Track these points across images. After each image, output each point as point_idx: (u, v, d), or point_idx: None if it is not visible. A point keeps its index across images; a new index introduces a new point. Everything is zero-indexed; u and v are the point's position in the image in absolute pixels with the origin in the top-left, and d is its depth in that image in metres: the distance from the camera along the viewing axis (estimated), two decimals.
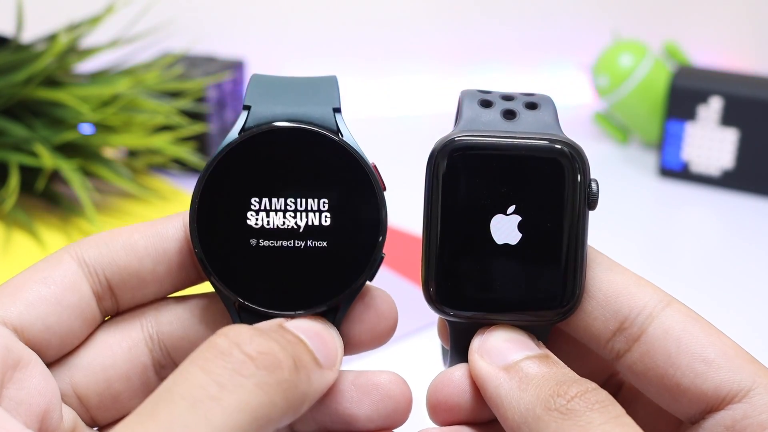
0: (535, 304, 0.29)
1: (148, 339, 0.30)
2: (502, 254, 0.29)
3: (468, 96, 0.30)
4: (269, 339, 0.25)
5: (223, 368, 0.24)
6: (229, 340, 0.25)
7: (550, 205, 0.28)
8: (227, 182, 0.28)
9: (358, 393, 0.29)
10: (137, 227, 0.29)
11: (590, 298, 0.29)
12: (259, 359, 0.24)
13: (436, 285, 0.29)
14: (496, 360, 0.28)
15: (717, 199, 0.80)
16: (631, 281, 0.29)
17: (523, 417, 0.26)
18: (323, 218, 0.28)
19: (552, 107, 0.30)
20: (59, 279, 0.28)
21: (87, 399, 0.29)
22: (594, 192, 0.28)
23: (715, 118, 0.79)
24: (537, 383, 0.27)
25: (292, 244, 0.28)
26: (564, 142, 0.28)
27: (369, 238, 0.28)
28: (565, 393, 0.26)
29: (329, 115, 0.29)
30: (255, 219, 0.28)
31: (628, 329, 0.28)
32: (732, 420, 0.26)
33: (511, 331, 0.29)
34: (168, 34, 0.80)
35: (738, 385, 0.27)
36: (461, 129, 0.29)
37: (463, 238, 0.29)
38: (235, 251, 0.28)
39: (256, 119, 0.28)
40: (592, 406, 0.25)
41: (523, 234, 0.28)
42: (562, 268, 0.28)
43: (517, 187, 0.28)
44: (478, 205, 0.28)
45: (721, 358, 0.27)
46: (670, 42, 0.90)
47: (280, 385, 0.24)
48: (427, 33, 1.00)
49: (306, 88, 0.30)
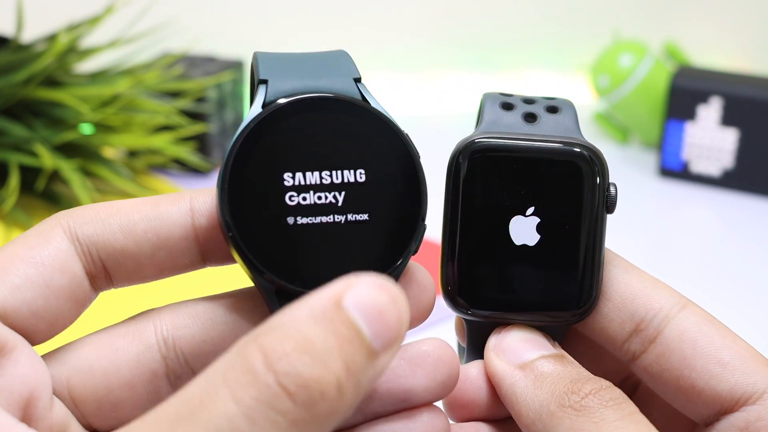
0: (552, 305, 0.29)
1: (162, 344, 0.27)
2: (520, 255, 0.29)
3: (490, 99, 0.31)
4: (311, 365, 0.21)
5: (257, 401, 0.20)
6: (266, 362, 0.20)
7: (568, 207, 0.29)
8: (256, 160, 0.26)
9: (411, 365, 0.27)
10: (138, 205, 0.27)
11: (607, 300, 0.29)
12: (297, 395, 0.20)
13: (455, 284, 0.29)
14: (512, 358, 0.28)
15: (717, 199, 0.80)
16: (648, 283, 0.29)
17: (537, 414, 0.26)
18: (362, 190, 0.26)
19: (573, 111, 0.30)
20: (49, 259, 0.25)
21: (84, 404, 0.26)
22: (612, 195, 0.29)
23: (715, 118, 0.79)
24: (551, 381, 0.27)
25: (332, 219, 0.26)
26: (584, 146, 0.29)
27: (410, 207, 0.27)
28: (579, 390, 0.26)
29: (352, 86, 0.27)
30: (290, 196, 0.26)
31: (644, 331, 0.28)
32: (746, 422, 0.27)
33: (527, 331, 0.29)
34: (168, 34, 0.80)
35: (753, 387, 0.27)
36: (482, 131, 0.29)
37: (483, 239, 0.29)
38: (272, 232, 0.26)
39: (275, 93, 0.26)
40: (606, 403, 0.26)
41: (542, 235, 0.29)
42: (580, 270, 0.29)
43: (536, 189, 0.29)
44: (498, 205, 0.29)
45: (737, 361, 0.27)
46: (670, 42, 0.90)
47: (318, 418, 0.21)
48: (427, 33, 1.00)
49: (320, 62, 0.28)
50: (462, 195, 0.29)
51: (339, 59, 0.28)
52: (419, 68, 1.01)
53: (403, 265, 0.27)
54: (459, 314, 0.30)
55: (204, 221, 0.27)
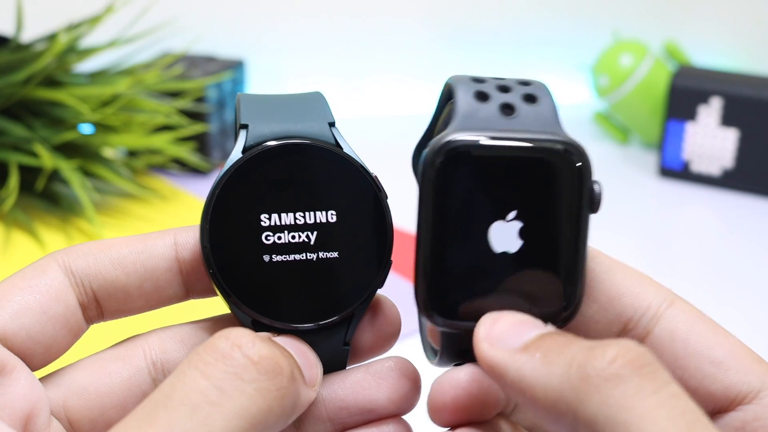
0: (533, 312, 0.27)
1: (152, 367, 0.29)
2: (500, 263, 0.27)
3: (462, 85, 0.27)
4: (270, 344, 0.25)
5: (224, 372, 0.24)
6: (230, 342, 0.24)
7: (552, 209, 0.27)
8: (236, 201, 0.28)
9: (375, 378, 0.29)
10: (127, 241, 0.29)
11: (592, 302, 0.28)
12: (261, 363, 0.24)
13: (431, 299, 0.27)
14: (510, 344, 0.25)
15: (717, 198, 0.80)
16: (633, 280, 0.28)
17: (557, 392, 0.23)
18: (333, 230, 0.28)
19: (550, 98, 0.28)
20: (45, 288, 0.28)
21: (79, 424, 0.28)
22: (597, 194, 0.27)
23: (715, 118, 0.79)
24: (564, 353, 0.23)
25: (305, 257, 0.28)
26: (567, 143, 0.27)
27: (378, 245, 0.29)
28: (603, 355, 0.22)
29: (326, 130, 0.29)
30: (266, 235, 0.28)
31: (632, 331, 0.27)
32: (742, 421, 0.26)
33: (517, 314, 0.26)
34: (168, 34, 0.80)
35: (748, 386, 0.26)
36: (457, 127, 0.26)
37: (461, 249, 0.27)
38: (250, 269, 0.28)
39: (255, 137, 0.28)
40: (639, 370, 0.22)
41: (524, 241, 0.27)
42: (563, 274, 0.27)
43: (518, 191, 0.27)
44: (476, 210, 0.27)
45: (730, 359, 0.26)
46: (670, 42, 0.90)
47: (279, 392, 0.24)
48: (426, 33, 1.00)
49: (297, 105, 0.30)
50: (437, 201, 0.26)
51: (315, 102, 0.30)
52: (419, 68, 1.01)
53: (369, 299, 0.29)
54: (437, 328, 0.28)
55: (187, 255, 0.29)
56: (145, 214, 0.69)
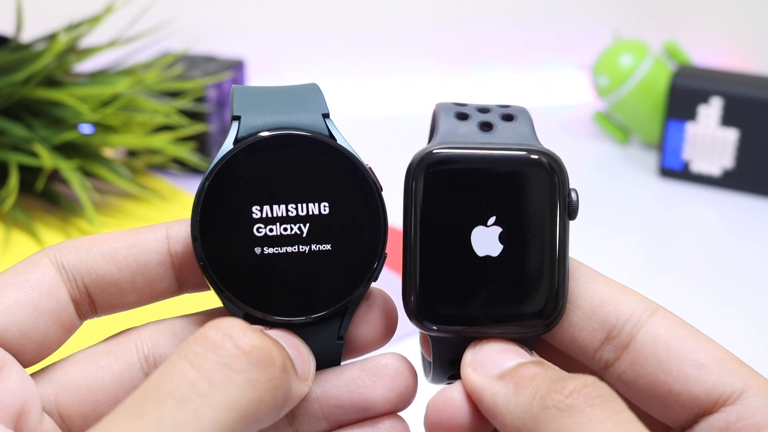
0: (518, 316, 0.28)
1: (144, 362, 0.29)
2: (484, 267, 0.28)
3: (444, 109, 0.30)
4: (262, 334, 0.25)
5: (214, 363, 0.23)
6: (221, 332, 0.24)
7: (530, 215, 0.28)
8: (227, 193, 0.28)
9: (371, 376, 0.29)
10: (119, 235, 0.29)
11: (576, 309, 0.28)
12: (252, 354, 0.24)
13: (419, 302, 0.28)
14: (490, 370, 0.27)
15: (717, 199, 0.80)
16: (616, 290, 0.28)
17: (521, 420, 0.25)
18: (325, 221, 0.28)
19: (528, 118, 0.30)
20: (36, 283, 0.27)
21: (71, 419, 0.28)
22: (574, 201, 0.28)
23: (715, 118, 0.79)
24: (532, 384, 0.26)
25: (297, 249, 0.28)
26: (542, 152, 0.28)
27: (371, 237, 0.28)
28: (562, 389, 0.25)
29: (320, 121, 0.29)
30: (257, 227, 0.28)
31: (616, 338, 0.28)
32: (725, 422, 0.26)
33: (502, 342, 0.29)
34: (168, 34, 0.80)
35: (731, 388, 0.26)
36: (438, 141, 0.29)
37: (445, 252, 0.28)
38: (241, 262, 0.28)
39: (247, 129, 0.28)
40: (592, 402, 0.24)
41: (504, 245, 0.28)
42: (545, 278, 0.28)
43: (496, 198, 0.28)
44: (459, 217, 0.28)
45: (712, 362, 0.27)
46: (670, 42, 0.90)
47: (270, 383, 0.24)
48: (426, 33, 1.00)
49: (291, 97, 0.30)
50: (421, 208, 0.28)
51: (310, 94, 0.30)
52: (419, 68, 1.01)
53: (363, 292, 0.29)
54: (425, 332, 0.29)
55: (179, 248, 0.29)
56: (145, 214, 0.69)
